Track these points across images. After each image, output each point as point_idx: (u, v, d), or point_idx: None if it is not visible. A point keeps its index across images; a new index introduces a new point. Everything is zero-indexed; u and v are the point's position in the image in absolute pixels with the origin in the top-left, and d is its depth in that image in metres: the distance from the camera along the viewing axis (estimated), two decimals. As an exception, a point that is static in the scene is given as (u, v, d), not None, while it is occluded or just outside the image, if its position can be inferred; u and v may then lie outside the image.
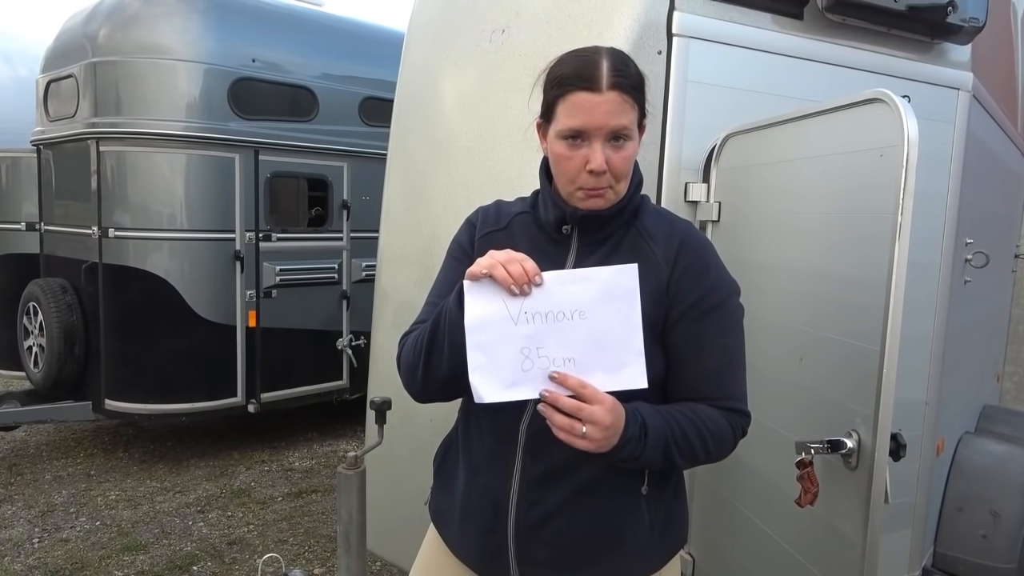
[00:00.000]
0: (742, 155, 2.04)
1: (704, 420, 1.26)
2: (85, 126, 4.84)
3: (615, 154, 1.26)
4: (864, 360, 1.46)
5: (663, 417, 1.23)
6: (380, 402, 2.10)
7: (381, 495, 2.51)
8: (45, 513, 4.24)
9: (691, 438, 1.24)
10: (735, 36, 2.15)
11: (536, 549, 1.32)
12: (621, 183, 1.30)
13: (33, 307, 5.07)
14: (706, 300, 1.29)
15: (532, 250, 1.34)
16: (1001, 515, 2.75)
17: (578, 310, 1.16)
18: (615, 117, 1.24)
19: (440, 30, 2.60)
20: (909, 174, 1.36)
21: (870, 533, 1.40)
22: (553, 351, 1.16)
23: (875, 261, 1.43)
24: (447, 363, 1.27)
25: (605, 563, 1.32)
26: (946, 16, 2.32)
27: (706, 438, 1.25)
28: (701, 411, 1.27)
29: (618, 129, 1.24)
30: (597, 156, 1.24)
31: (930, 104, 2.38)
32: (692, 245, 1.33)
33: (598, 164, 1.24)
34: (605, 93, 1.23)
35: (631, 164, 1.30)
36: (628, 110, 1.25)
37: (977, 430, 3.32)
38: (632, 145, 1.28)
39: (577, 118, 1.24)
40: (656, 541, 1.35)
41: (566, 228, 1.35)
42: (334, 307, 5.54)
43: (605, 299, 1.15)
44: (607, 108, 1.23)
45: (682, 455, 1.23)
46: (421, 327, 1.37)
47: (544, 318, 1.16)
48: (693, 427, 1.24)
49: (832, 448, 1.48)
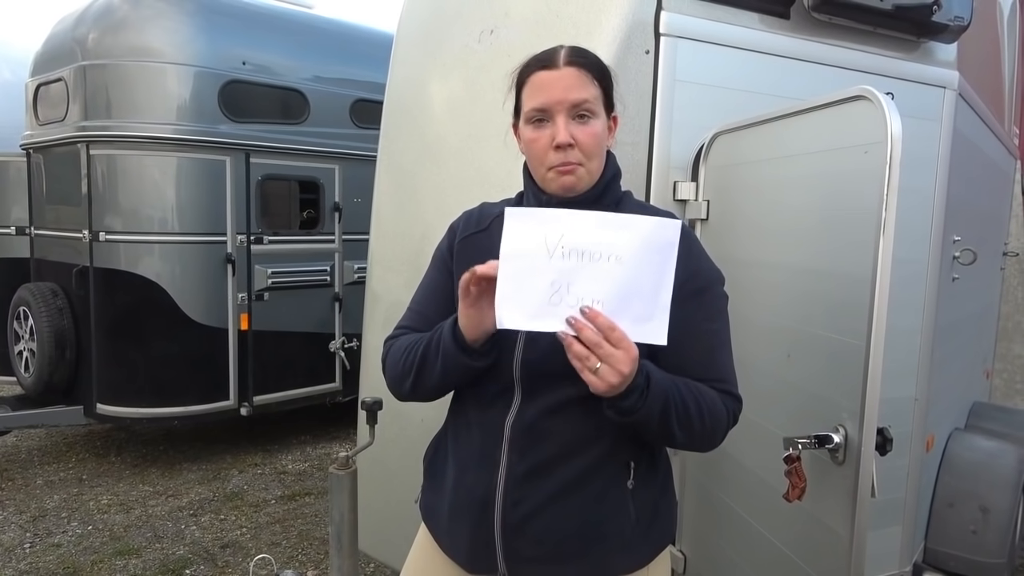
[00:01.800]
0: (730, 153, 2.05)
1: (703, 393, 1.27)
2: (75, 129, 4.83)
3: (580, 129, 1.29)
4: (851, 356, 1.47)
5: (666, 377, 1.23)
6: (371, 403, 2.10)
7: (373, 496, 2.51)
8: (37, 518, 4.22)
9: (689, 405, 1.24)
10: (723, 35, 2.16)
11: (522, 545, 1.32)
12: (592, 161, 1.32)
13: (23, 311, 5.05)
14: (690, 283, 1.28)
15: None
16: (991, 510, 2.77)
17: (615, 255, 1.14)
18: (574, 91, 1.27)
19: (429, 31, 2.60)
20: (893, 170, 1.38)
21: (857, 527, 1.41)
22: (583, 290, 1.15)
23: (861, 257, 1.44)
24: (437, 380, 1.32)
25: (591, 558, 1.32)
26: (931, 15, 2.34)
27: (703, 410, 1.25)
28: (699, 386, 1.28)
29: (578, 102, 1.28)
30: (561, 130, 1.27)
31: (916, 102, 2.40)
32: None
33: (563, 136, 1.27)
34: (562, 69, 1.28)
35: (599, 142, 1.32)
36: (587, 84, 1.29)
37: (967, 426, 3.35)
38: (597, 123, 1.30)
39: (538, 97, 1.29)
40: (642, 535, 1.35)
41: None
42: (326, 310, 5.53)
43: (644, 249, 1.14)
44: (565, 83, 1.28)
45: (679, 422, 1.23)
46: (409, 339, 1.39)
47: (580, 256, 1.15)
48: (692, 396, 1.25)
49: (819, 443, 1.49)
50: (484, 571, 1.37)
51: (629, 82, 2.06)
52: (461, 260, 1.42)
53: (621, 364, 1.11)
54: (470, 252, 1.42)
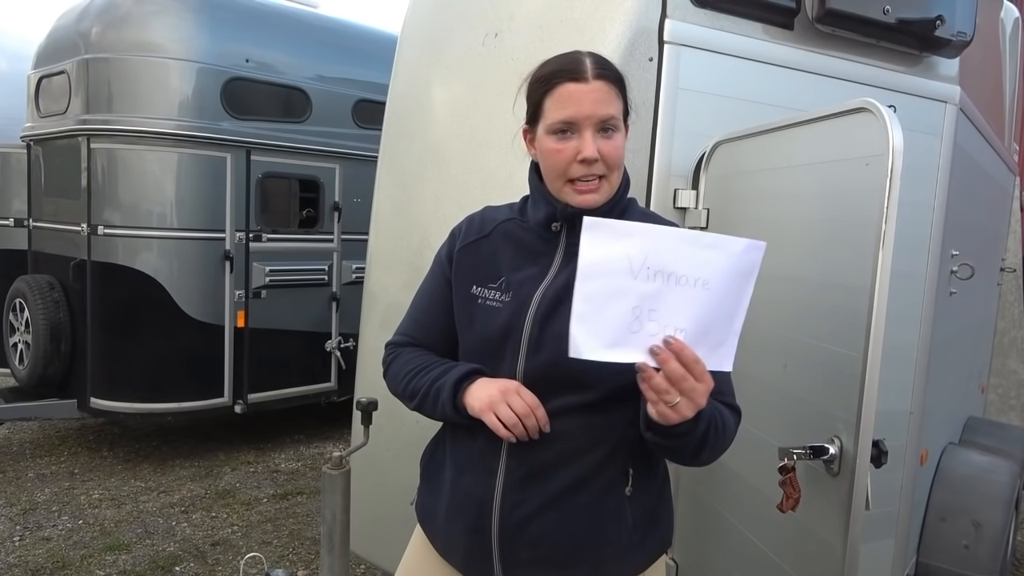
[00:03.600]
0: (731, 162, 2.05)
1: (722, 411, 1.26)
2: (76, 123, 4.83)
3: (606, 143, 1.27)
4: (847, 367, 1.47)
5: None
6: (366, 403, 2.09)
7: (366, 496, 2.50)
8: (27, 511, 4.20)
9: (717, 425, 1.23)
10: (726, 45, 2.17)
11: (519, 549, 1.32)
12: (614, 174, 1.31)
13: (19, 303, 5.04)
14: None
15: (517, 254, 1.38)
16: (983, 525, 2.77)
17: (703, 279, 1.06)
18: (603, 106, 1.26)
19: (433, 33, 2.60)
20: (894, 183, 1.38)
21: (850, 539, 1.41)
22: (666, 317, 1.06)
23: (859, 268, 1.44)
24: (437, 417, 1.42)
25: (587, 563, 1.32)
26: (934, 29, 2.35)
27: (727, 429, 1.27)
28: (716, 403, 1.24)
29: (606, 118, 1.26)
30: (588, 144, 1.25)
31: (918, 116, 2.40)
32: None
33: (591, 151, 1.25)
34: (592, 82, 1.26)
35: (622, 155, 1.31)
36: (615, 100, 1.28)
37: (961, 441, 3.35)
38: (620, 137, 1.30)
39: (566, 109, 1.26)
40: (639, 542, 1.34)
41: (555, 226, 1.35)
42: (323, 309, 5.52)
43: (731, 272, 1.07)
44: (595, 96, 1.25)
45: (711, 443, 1.22)
46: (409, 362, 1.45)
47: (667, 278, 1.06)
48: (720, 416, 1.25)
49: (814, 454, 1.49)
50: (480, 573, 1.37)
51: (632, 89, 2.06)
52: (460, 270, 1.43)
53: (700, 397, 1.10)
54: (471, 261, 1.42)
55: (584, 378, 1.25)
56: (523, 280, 1.35)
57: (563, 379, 1.26)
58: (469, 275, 1.41)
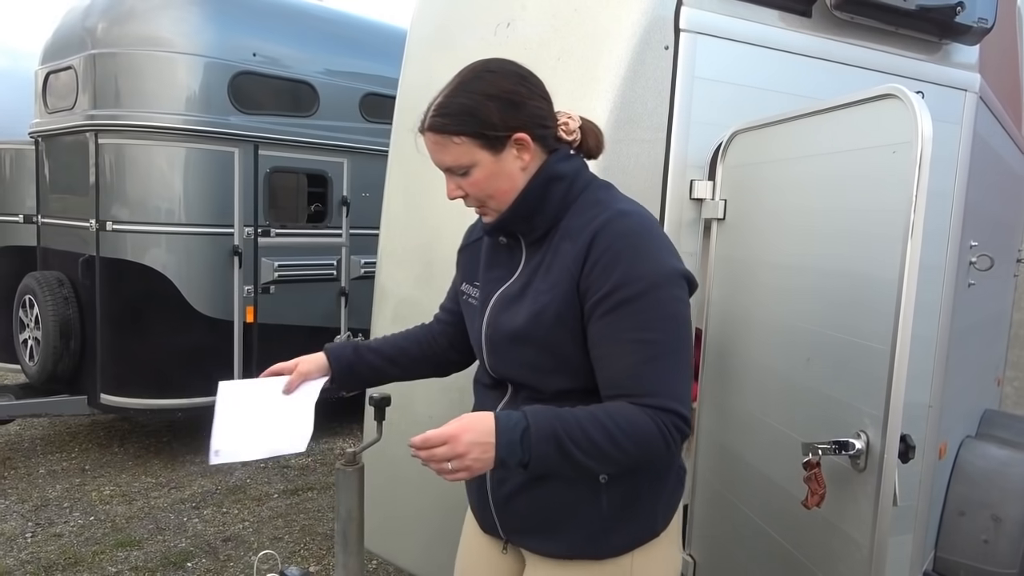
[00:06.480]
0: (749, 152, 2.02)
1: (614, 417, 1.20)
2: (84, 118, 4.81)
3: (464, 180, 1.34)
4: (873, 360, 1.43)
5: (554, 416, 1.19)
6: (379, 399, 2.07)
7: (379, 492, 2.48)
8: (39, 508, 4.20)
9: (593, 435, 1.18)
10: (743, 33, 2.13)
11: (509, 517, 1.45)
12: (492, 199, 1.35)
13: (29, 300, 5.04)
14: (617, 294, 1.23)
15: (495, 257, 1.48)
16: (1003, 520, 2.74)
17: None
18: (438, 156, 1.33)
19: (444, 24, 2.57)
20: (923, 171, 1.34)
21: (878, 536, 1.38)
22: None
23: (885, 259, 1.41)
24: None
25: (563, 539, 1.39)
26: (955, 16, 2.30)
27: (616, 436, 1.19)
28: (613, 408, 1.22)
29: (446, 167, 1.33)
30: (448, 187, 1.36)
31: (937, 104, 2.34)
32: (605, 238, 1.26)
33: (448, 194, 1.36)
34: (426, 133, 1.33)
35: (485, 184, 1.33)
36: (447, 147, 1.31)
37: (978, 434, 3.31)
38: (477, 171, 1.32)
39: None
40: (611, 527, 1.36)
41: (501, 239, 1.45)
42: (332, 304, 5.51)
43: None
44: (432, 147, 1.33)
45: (587, 454, 1.18)
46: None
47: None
48: (597, 424, 1.19)
49: (840, 449, 1.45)
50: (496, 536, 1.52)
51: (647, 78, 2.03)
52: (459, 269, 1.61)
53: (452, 451, 1.17)
54: (466, 261, 1.58)
55: (528, 380, 1.37)
56: (491, 280, 1.46)
57: (514, 377, 1.40)
58: (463, 274, 1.58)
